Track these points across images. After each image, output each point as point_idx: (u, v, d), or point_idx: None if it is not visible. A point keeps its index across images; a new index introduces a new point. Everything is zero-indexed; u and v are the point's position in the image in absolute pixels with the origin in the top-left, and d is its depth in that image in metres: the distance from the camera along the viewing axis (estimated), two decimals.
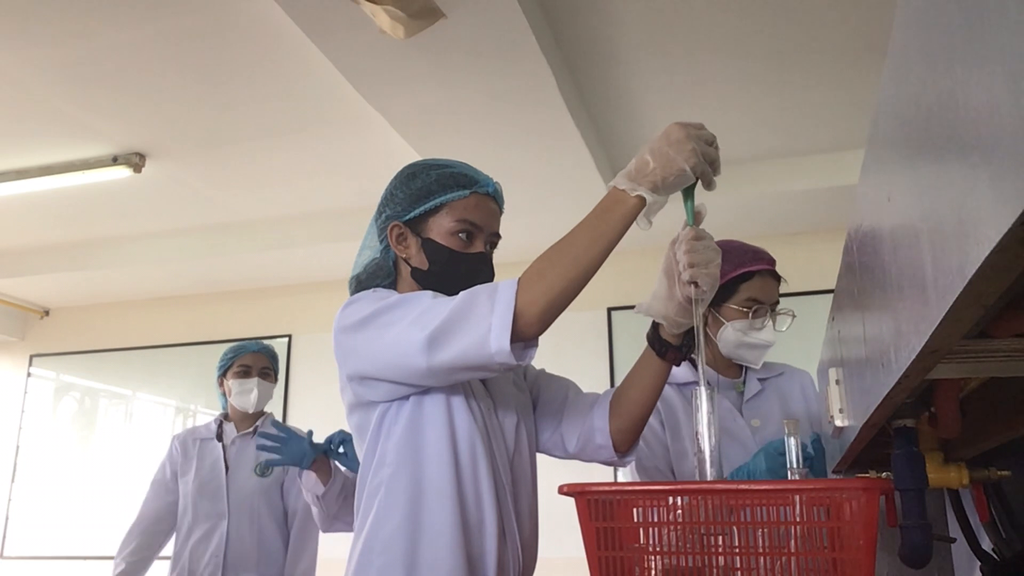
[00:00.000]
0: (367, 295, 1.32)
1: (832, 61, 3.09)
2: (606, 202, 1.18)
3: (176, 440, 2.78)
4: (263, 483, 2.65)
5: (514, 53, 2.71)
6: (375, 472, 1.28)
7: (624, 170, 1.18)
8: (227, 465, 2.67)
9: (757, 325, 1.74)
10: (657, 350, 1.34)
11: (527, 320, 1.13)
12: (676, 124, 1.17)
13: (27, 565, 5.34)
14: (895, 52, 0.63)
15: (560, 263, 1.15)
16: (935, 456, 1.06)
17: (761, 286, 1.77)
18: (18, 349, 5.83)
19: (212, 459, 2.68)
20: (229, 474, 2.66)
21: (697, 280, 1.19)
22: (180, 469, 2.71)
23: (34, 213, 4.47)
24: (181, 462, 2.72)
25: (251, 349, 2.72)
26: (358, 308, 1.29)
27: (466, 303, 1.16)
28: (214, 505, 2.62)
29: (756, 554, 0.96)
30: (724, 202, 4.04)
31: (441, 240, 1.36)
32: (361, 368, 1.27)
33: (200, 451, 2.71)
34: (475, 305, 1.15)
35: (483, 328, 1.13)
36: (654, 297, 1.29)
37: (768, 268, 1.79)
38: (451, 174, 1.39)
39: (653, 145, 1.16)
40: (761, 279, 1.78)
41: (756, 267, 1.78)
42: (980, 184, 0.40)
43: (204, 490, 2.64)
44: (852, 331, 0.95)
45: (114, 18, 2.75)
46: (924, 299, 0.53)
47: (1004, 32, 0.36)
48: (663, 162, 1.15)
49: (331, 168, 3.95)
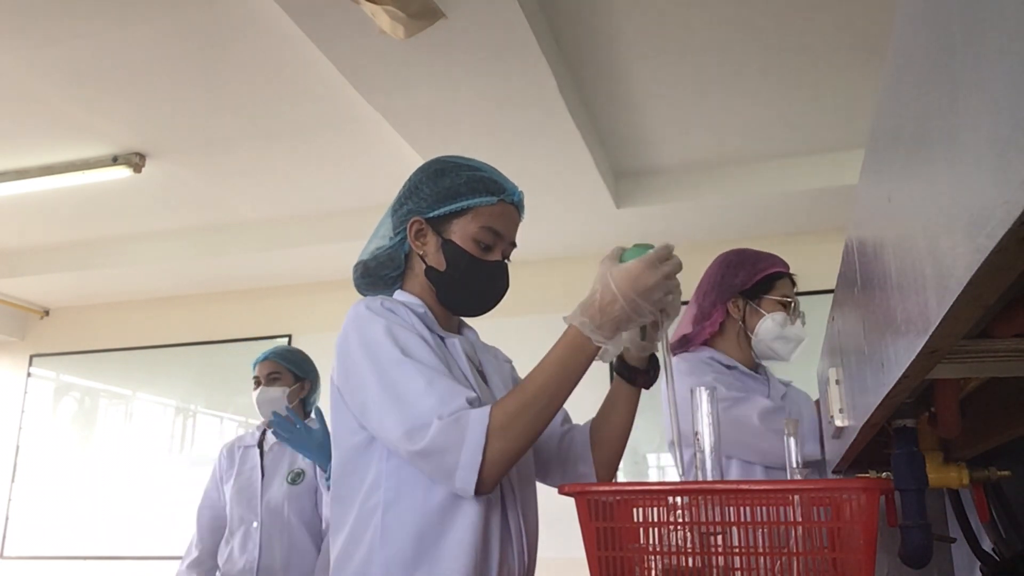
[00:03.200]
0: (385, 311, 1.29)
1: (832, 61, 3.09)
2: (568, 349, 1.19)
3: (224, 449, 2.86)
4: (294, 491, 2.69)
5: (514, 53, 2.71)
6: (367, 495, 1.24)
7: (584, 305, 1.18)
8: (263, 472, 2.74)
9: (792, 320, 1.89)
10: (627, 378, 1.36)
11: (489, 472, 1.15)
12: (647, 266, 1.16)
13: (27, 565, 5.34)
14: (895, 52, 0.63)
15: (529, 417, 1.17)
16: (935, 456, 1.06)
17: (791, 286, 1.95)
18: (18, 349, 5.83)
19: (250, 465, 2.75)
20: (264, 481, 2.72)
21: (664, 307, 1.20)
22: (224, 476, 2.79)
23: (34, 213, 4.47)
24: (226, 468, 2.80)
25: (259, 360, 2.77)
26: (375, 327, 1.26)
27: (439, 432, 1.16)
28: (248, 511, 2.68)
29: (756, 554, 0.96)
30: (724, 202, 4.05)
31: (462, 244, 1.34)
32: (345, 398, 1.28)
33: (242, 458, 2.79)
34: (447, 438, 1.15)
35: (451, 462, 1.15)
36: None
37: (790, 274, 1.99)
38: (481, 178, 1.36)
39: (620, 284, 1.16)
40: (789, 280, 1.97)
41: (783, 269, 1.96)
42: (980, 184, 0.40)
43: (240, 496, 2.70)
44: (852, 331, 0.95)
45: (114, 18, 2.75)
46: (924, 299, 0.53)
47: (1004, 32, 0.36)
48: (630, 309, 1.16)
49: (331, 168, 3.95)
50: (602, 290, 1.17)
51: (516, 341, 2.15)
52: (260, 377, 2.72)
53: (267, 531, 2.64)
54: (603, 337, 1.18)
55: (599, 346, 1.18)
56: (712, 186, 4.02)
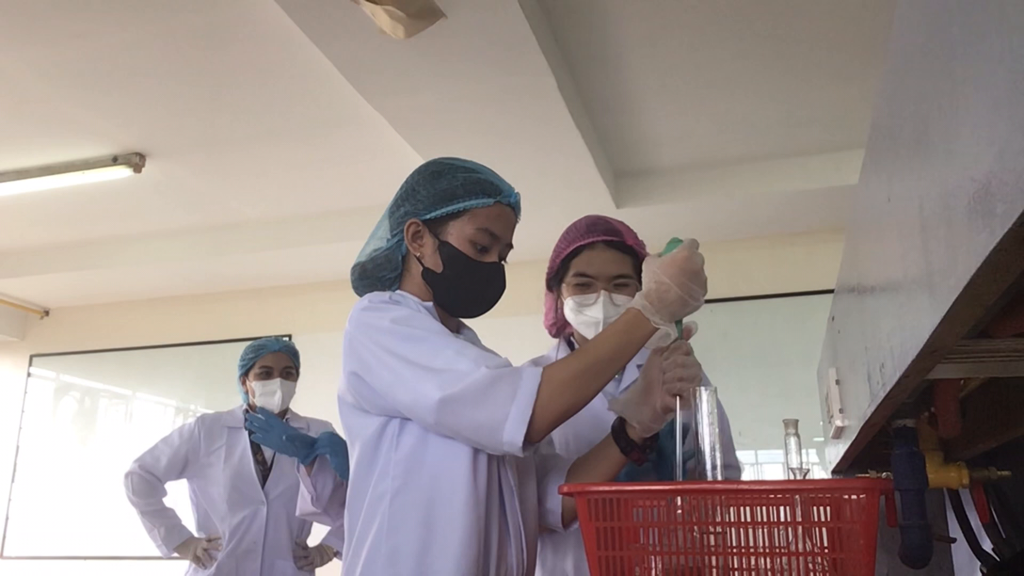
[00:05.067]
0: (391, 303, 1.30)
1: (832, 61, 3.09)
2: (628, 324, 1.21)
3: (200, 422, 2.83)
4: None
5: (514, 53, 2.71)
6: (376, 483, 1.26)
7: (643, 293, 1.22)
8: (263, 456, 2.79)
9: (588, 301, 1.63)
10: (621, 447, 1.36)
11: (538, 427, 1.16)
12: (690, 252, 1.21)
13: (27, 565, 5.34)
14: (895, 52, 0.63)
15: (583, 381, 1.18)
16: (935, 456, 1.06)
17: (588, 260, 1.64)
18: (18, 349, 5.83)
19: (241, 447, 2.77)
20: (272, 466, 2.78)
21: (682, 393, 1.23)
22: (203, 449, 2.78)
23: (34, 213, 4.47)
24: (203, 445, 2.78)
25: (272, 349, 2.74)
26: (382, 316, 1.26)
27: (489, 381, 1.16)
28: (250, 493, 2.72)
29: (756, 554, 0.96)
30: (724, 202, 4.05)
31: (459, 245, 1.35)
32: (369, 381, 1.27)
33: (229, 439, 2.79)
34: (497, 387, 1.16)
35: (500, 414, 1.15)
36: (629, 398, 1.32)
37: (602, 240, 1.66)
38: (477, 180, 1.37)
39: (670, 272, 1.20)
40: (589, 252, 1.65)
41: (587, 240, 1.66)
42: (979, 184, 0.40)
43: (238, 479, 2.73)
44: (852, 331, 0.95)
45: (114, 18, 2.75)
46: (924, 299, 0.53)
47: (1004, 32, 0.36)
48: (684, 293, 1.20)
49: (331, 168, 3.95)
50: (656, 283, 1.20)
51: (515, 341, 2.15)
52: (274, 368, 2.71)
53: (274, 513, 2.72)
54: (663, 321, 1.20)
55: (656, 327, 1.20)
56: (712, 186, 4.02)
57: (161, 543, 2.77)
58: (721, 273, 4.06)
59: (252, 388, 2.71)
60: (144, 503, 2.81)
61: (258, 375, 2.70)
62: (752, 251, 4.46)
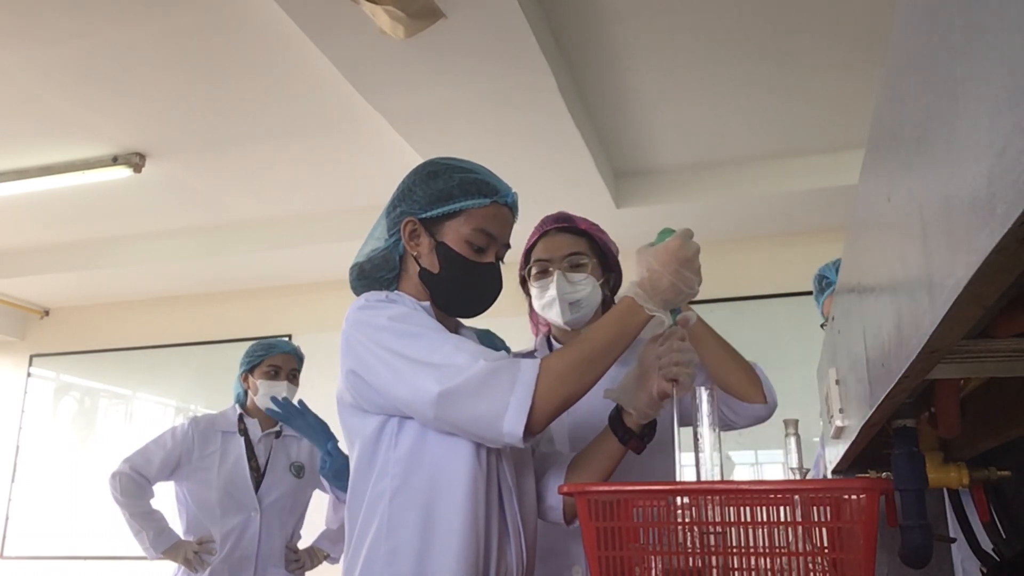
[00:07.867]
0: (387, 301, 1.30)
1: (832, 61, 3.09)
2: (623, 313, 1.22)
3: (194, 425, 2.78)
4: (297, 483, 2.74)
5: (514, 53, 2.71)
6: (375, 482, 1.26)
7: (636, 281, 1.23)
8: (256, 462, 2.74)
9: (546, 283, 1.69)
10: (620, 436, 1.36)
11: (537, 418, 1.16)
12: (683, 240, 1.22)
13: (27, 565, 5.34)
14: (895, 52, 0.63)
15: (580, 371, 1.19)
16: (935, 456, 1.06)
17: (544, 246, 1.73)
18: (18, 349, 5.83)
19: (236, 453, 2.73)
20: (265, 472, 2.73)
21: (679, 378, 1.23)
22: (196, 453, 2.74)
23: (34, 213, 4.47)
24: (196, 449, 2.74)
25: (283, 350, 2.72)
26: (379, 314, 1.26)
27: (487, 373, 1.17)
28: (244, 499, 2.68)
29: (756, 554, 0.96)
30: (724, 202, 4.05)
31: (455, 246, 1.34)
32: (367, 379, 1.26)
33: (224, 444, 2.74)
34: (495, 379, 1.16)
35: (500, 405, 1.15)
36: (624, 385, 1.32)
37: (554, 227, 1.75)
38: (474, 180, 1.36)
39: (662, 260, 1.20)
40: (544, 240, 1.74)
41: (542, 231, 1.76)
42: (979, 184, 0.39)
43: (232, 484, 2.69)
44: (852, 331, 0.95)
45: (114, 18, 2.75)
46: (924, 299, 0.53)
47: (1004, 32, 0.36)
48: (677, 280, 1.20)
49: (331, 168, 3.95)
50: (648, 270, 1.21)
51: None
52: (282, 368, 2.69)
53: (267, 520, 2.68)
54: (657, 308, 1.21)
55: (652, 315, 1.21)
56: (712, 186, 4.02)
57: (149, 546, 2.72)
58: (721, 273, 4.06)
59: (256, 385, 2.68)
60: (132, 504, 2.76)
61: (265, 373, 2.67)
62: (752, 251, 4.45)
